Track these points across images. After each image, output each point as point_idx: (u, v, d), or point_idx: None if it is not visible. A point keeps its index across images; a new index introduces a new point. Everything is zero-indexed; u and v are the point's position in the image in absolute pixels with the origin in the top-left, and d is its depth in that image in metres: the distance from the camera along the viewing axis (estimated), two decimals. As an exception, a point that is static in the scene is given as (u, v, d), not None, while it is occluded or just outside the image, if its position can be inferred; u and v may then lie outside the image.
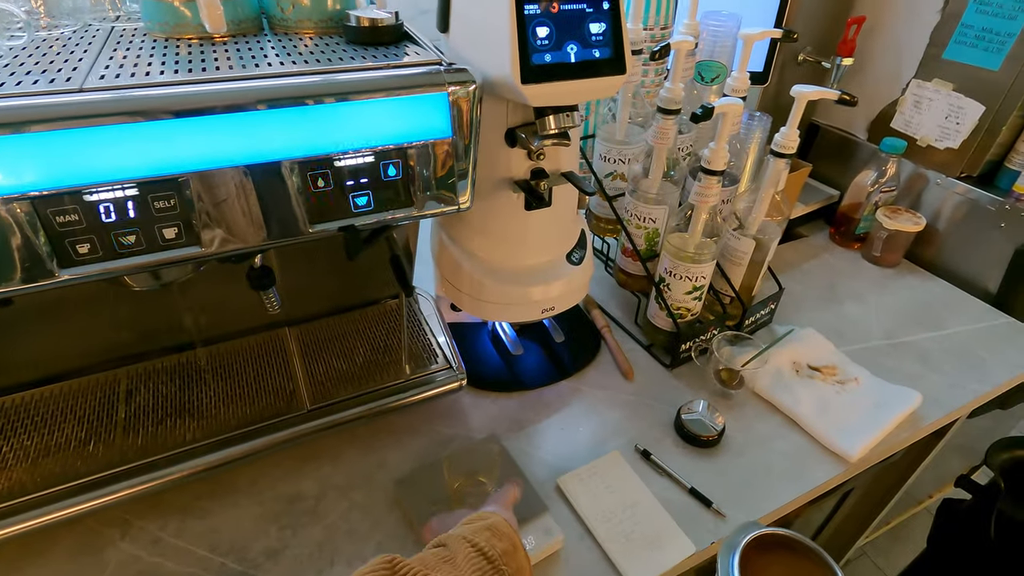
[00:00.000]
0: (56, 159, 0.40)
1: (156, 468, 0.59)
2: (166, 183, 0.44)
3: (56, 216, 0.41)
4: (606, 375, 0.83)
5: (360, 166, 0.50)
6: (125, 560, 0.57)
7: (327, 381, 0.68)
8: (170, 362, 0.68)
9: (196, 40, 0.55)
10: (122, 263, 0.45)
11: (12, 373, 0.64)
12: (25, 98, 0.40)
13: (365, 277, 0.79)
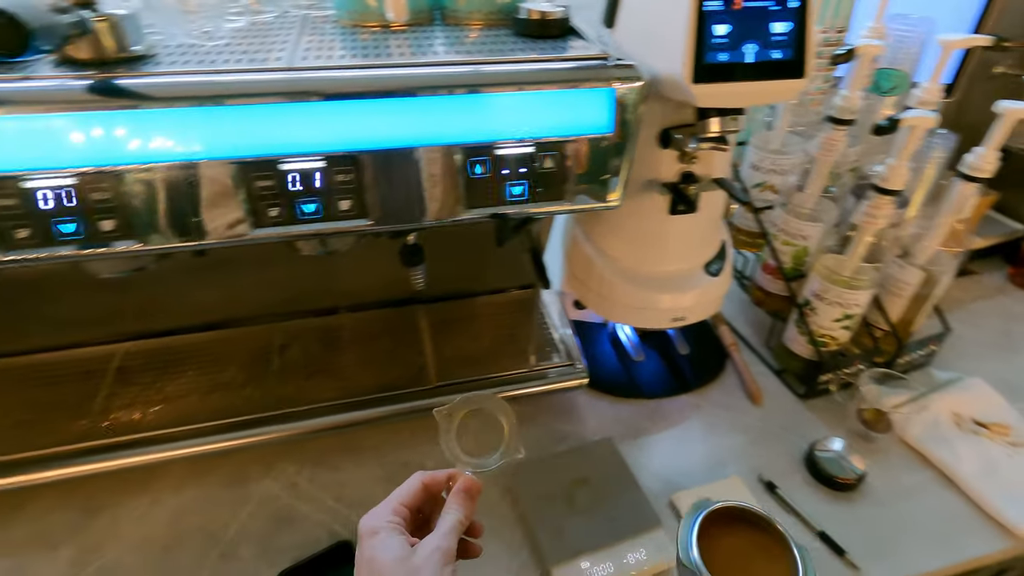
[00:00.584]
0: (263, 130, 0.45)
1: (299, 418, 0.64)
2: (347, 159, 0.47)
3: (256, 181, 0.46)
4: (730, 395, 0.78)
5: (519, 156, 0.51)
6: (266, 497, 0.63)
7: (454, 360, 0.71)
8: (318, 324, 0.75)
9: (377, 28, 0.60)
10: (302, 228, 0.49)
11: (192, 316, 0.73)
12: (248, 74, 0.45)
13: (495, 265, 0.81)
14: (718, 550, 0.43)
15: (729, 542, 0.44)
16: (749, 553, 0.43)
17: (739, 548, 0.44)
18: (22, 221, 0.43)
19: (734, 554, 0.43)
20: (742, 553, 0.43)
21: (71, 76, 0.43)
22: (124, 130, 0.43)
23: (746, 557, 0.43)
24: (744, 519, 0.46)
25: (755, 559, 0.43)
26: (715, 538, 0.43)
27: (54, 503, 0.61)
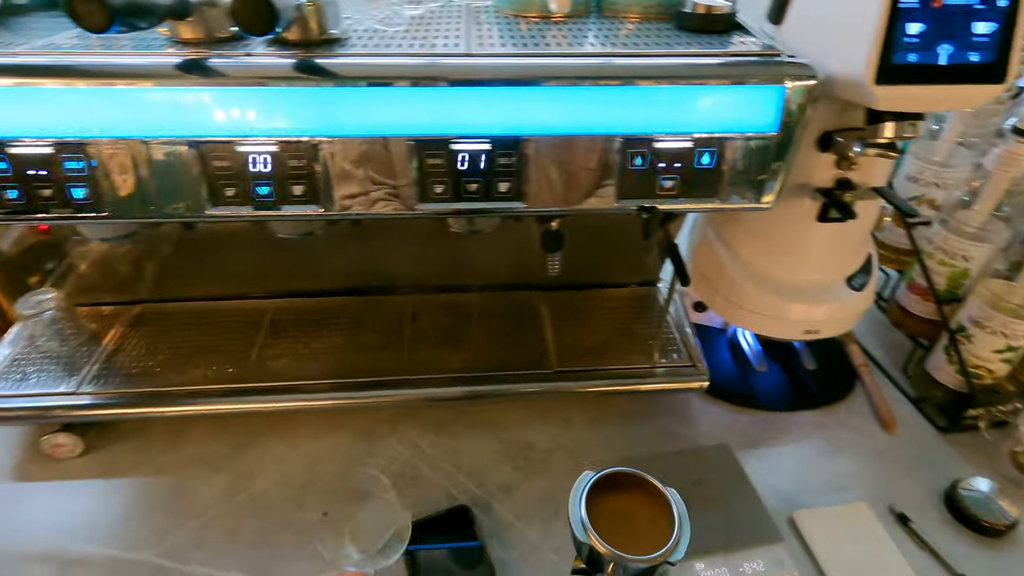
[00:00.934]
0: (440, 111, 0.48)
1: (425, 385, 0.68)
2: (512, 143, 0.49)
3: (427, 159, 0.50)
4: (858, 418, 0.74)
5: (677, 150, 0.51)
6: (391, 455, 0.68)
7: (574, 349, 0.72)
8: (448, 299, 0.79)
9: (536, 18, 0.61)
10: (463, 205, 0.52)
11: (337, 280, 0.79)
12: (433, 59, 0.48)
13: (616, 259, 0.81)
14: (605, 511, 0.46)
15: (615, 504, 0.47)
16: (633, 511, 0.47)
17: (624, 508, 0.47)
18: (231, 181, 0.49)
19: (619, 513, 0.46)
20: (626, 512, 0.47)
21: (280, 55, 0.48)
22: (321, 105, 0.47)
23: (630, 515, 0.47)
24: (630, 483, 0.48)
25: (639, 514, 0.47)
26: (603, 502, 0.47)
27: (210, 434, 0.69)
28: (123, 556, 0.57)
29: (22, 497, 0.63)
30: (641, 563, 0.43)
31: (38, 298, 0.67)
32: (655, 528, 0.45)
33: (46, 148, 0.47)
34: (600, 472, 0.48)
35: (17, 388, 0.65)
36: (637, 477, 0.48)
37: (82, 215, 0.49)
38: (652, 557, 0.43)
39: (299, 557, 0.58)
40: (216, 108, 0.47)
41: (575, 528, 0.45)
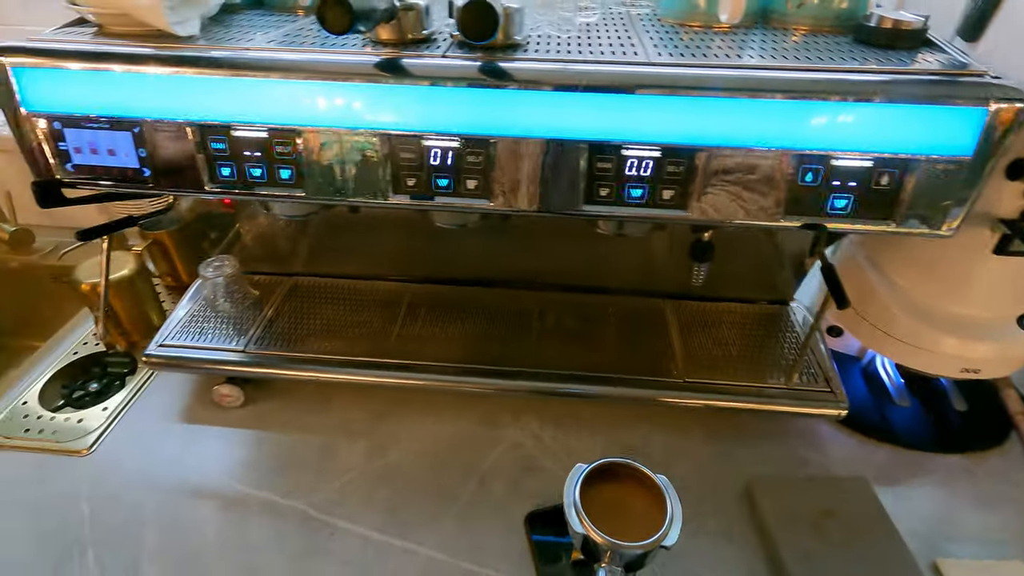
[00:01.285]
0: (614, 117, 0.50)
1: (550, 380, 0.70)
2: (681, 152, 0.50)
3: (598, 162, 0.51)
4: (1014, 469, 0.68)
5: (854, 169, 0.49)
6: (513, 443, 0.71)
7: (700, 361, 0.71)
8: (576, 298, 0.80)
9: (699, 28, 0.61)
10: (624, 210, 0.53)
11: (474, 270, 0.83)
12: (609, 66, 0.50)
13: (750, 274, 0.79)
14: (600, 501, 0.48)
15: (610, 493, 0.49)
16: (627, 500, 0.49)
17: (619, 497, 0.49)
18: (414, 172, 0.53)
19: (614, 502, 0.48)
20: (621, 501, 0.48)
21: (467, 58, 0.51)
22: (501, 106, 0.50)
23: (625, 504, 0.48)
24: (625, 474, 0.50)
25: (633, 503, 0.48)
26: (598, 492, 0.48)
27: (351, 402, 0.75)
28: (278, 501, 0.64)
29: (193, 437, 0.71)
30: (636, 549, 0.44)
31: (218, 263, 0.76)
32: (649, 516, 0.47)
33: (262, 133, 0.53)
34: (594, 463, 0.50)
35: (196, 341, 0.74)
36: (631, 468, 0.50)
37: (283, 194, 0.55)
38: (646, 543, 0.44)
39: (430, 526, 0.62)
40: (406, 104, 0.51)
41: (570, 518, 0.46)
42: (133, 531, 0.61)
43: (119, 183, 0.56)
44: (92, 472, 0.67)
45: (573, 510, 0.47)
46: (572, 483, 0.49)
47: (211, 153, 0.54)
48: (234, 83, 0.52)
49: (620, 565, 0.47)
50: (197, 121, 0.53)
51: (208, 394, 0.75)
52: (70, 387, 0.80)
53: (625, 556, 0.46)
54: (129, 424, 0.73)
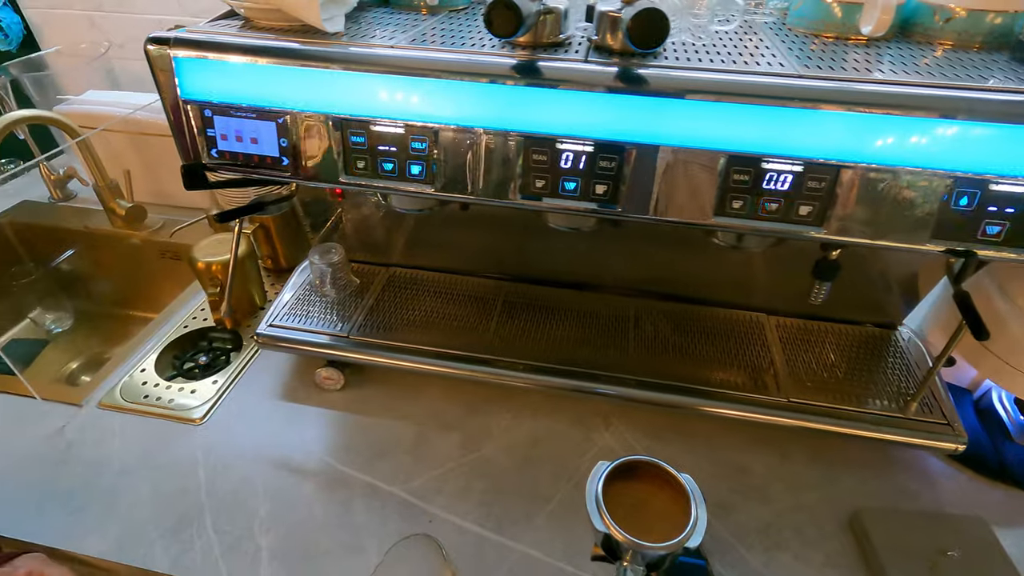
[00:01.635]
0: (754, 129, 0.49)
1: (645, 387, 0.70)
2: (826, 168, 0.49)
3: (734, 174, 0.50)
4: None
5: (1014, 195, 0.47)
6: (604, 448, 0.71)
7: (803, 381, 0.69)
8: (674, 307, 0.80)
9: (831, 39, 0.59)
10: (758, 224, 0.52)
11: (571, 272, 0.83)
12: (747, 76, 0.49)
13: (858, 294, 0.76)
14: (623, 499, 0.47)
15: (634, 492, 0.48)
16: (650, 499, 0.48)
17: (642, 496, 0.48)
18: (543, 174, 0.54)
19: (637, 501, 0.47)
20: (644, 500, 0.47)
21: (604, 63, 0.51)
22: (638, 113, 0.50)
23: (648, 503, 0.48)
24: (648, 473, 0.49)
25: (656, 503, 0.48)
26: (621, 490, 0.48)
27: (445, 394, 0.77)
28: (379, 485, 0.66)
29: (295, 415, 0.74)
30: (658, 550, 0.43)
31: (326, 250, 0.79)
32: (672, 516, 0.46)
33: (399, 129, 0.55)
34: (618, 460, 0.49)
35: (302, 323, 0.77)
36: (656, 467, 0.49)
37: (413, 189, 0.57)
38: (668, 544, 0.43)
39: (525, 524, 0.62)
40: (542, 107, 0.52)
41: (592, 515, 0.45)
42: (244, 500, 0.64)
43: (258, 170, 0.59)
44: (206, 441, 0.71)
45: (595, 507, 0.47)
46: (595, 480, 0.49)
47: (349, 146, 0.56)
48: (375, 80, 0.53)
49: (642, 564, 0.46)
50: (339, 115, 0.55)
51: (309, 375, 0.78)
52: (181, 358, 0.85)
53: (647, 556, 0.45)
54: (237, 398, 0.77)
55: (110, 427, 0.72)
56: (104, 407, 0.75)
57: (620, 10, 0.49)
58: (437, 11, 0.66)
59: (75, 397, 0.76)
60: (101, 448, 0.70)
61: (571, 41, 0.56)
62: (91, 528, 0.62)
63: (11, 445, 0.70)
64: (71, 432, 0.72)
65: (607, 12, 0.51)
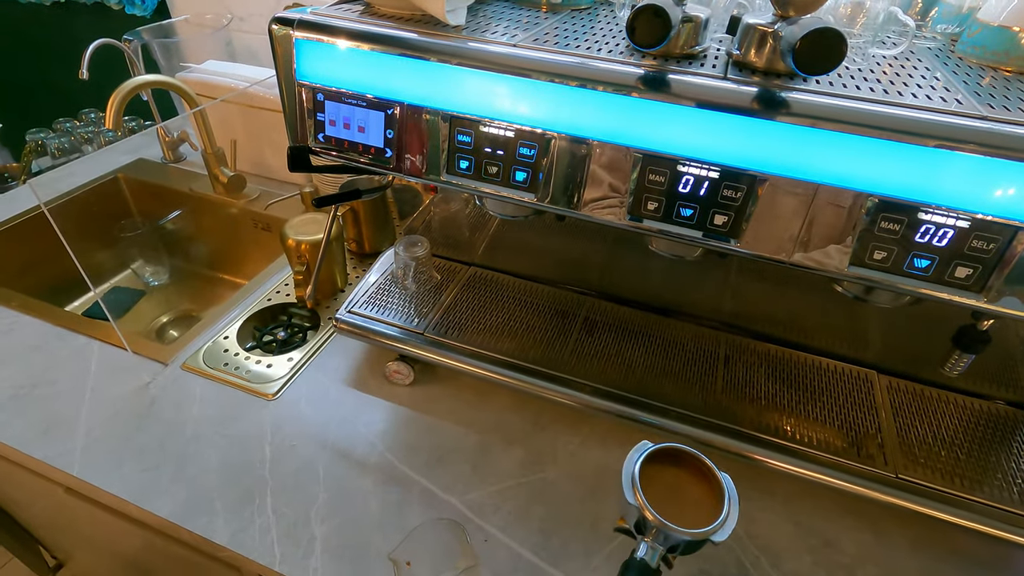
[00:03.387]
0: (918, 171, 0.42)
1: (734, 436, 0.64)
2: (995, 227, 0.42)
3: (882, 221, 0.44)
4: None
5: None
6: (677, 491, 0.66)
7: (919, 455, 0.62)
8: (769, 349, 0.73)
9: (1011, 72, 0.51)
10: (899, 281, 0.46)
11: (663, 297, 0.79)
12: (898, 110, 0.42)
13: (988, 365, 0.67)
14: (658, 481, 0.48)
15: (670, 477, 0.49)
16: (685, 487, 0.48)
17: (677, 483, 0.48)
18: (657, 196, 0.49)
19: (671, 486, 0.48)
20: (678, 487, 0.48)
21: (742, 81, 0.46)
22: (769, 139, 0.45)
23: (681, 490, 0.48)
24: (687, 461, 0.50)
25: (690, 492, 0.48)
26: (657, 473, 0.48)
27: (511, 405, 0.74)
28: (436, 492, 0.64)
29: (363, 405, 0.74)
30: (683, 535, 0.44)
31: (413, 242, 0.78)
32: (704, 508, 0.46)
33: (508, 132, 0.52)
34: (660, 445, 0.50)
35: (379, 314, 0.77)
36: (696, 459, 0.49)
37: (514, 195, 0.54)
38: (695, 531, 0.44)
39: (583, 561, 0.59)
40: (666, 124, 0.47)
41: (626, 489, 0.47)
42: (305, 484, 0.64)
43: (360, 159, 0.59)
44: (276, 417, 0.72)
45: (630, 481, 0.47)
46: (636, 454, 0.49)
47: (455, 145, 0.54)
48: (490, 79, 0.51)
49: (663, 546, 0.47)
50: (449, 111, 0.53)
51: (379, 366, 0.78)
52: (261, 331, 0.86)
53: (671, 538, 0.46)
54: (308, 378, 0.77)
55: (190, 390, 0.75)
56: (187, 369, 0.77)
57: (774, 25, 0.44)
58: (559, 9, 0.62)
59: (162, 355, 0.79)
60: (180, 411, 0.72)
61: (706, 54, 0.51)
62: (162, 489, 0.63)
63: (102, 393, 0.74)
64: (155, 389, 0.75)
65: (756, 26, 0.46)
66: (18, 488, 0.98)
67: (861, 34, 0.52)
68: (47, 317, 0.84)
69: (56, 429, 0.69)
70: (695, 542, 0.45)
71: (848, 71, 0.49)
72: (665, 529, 0.45)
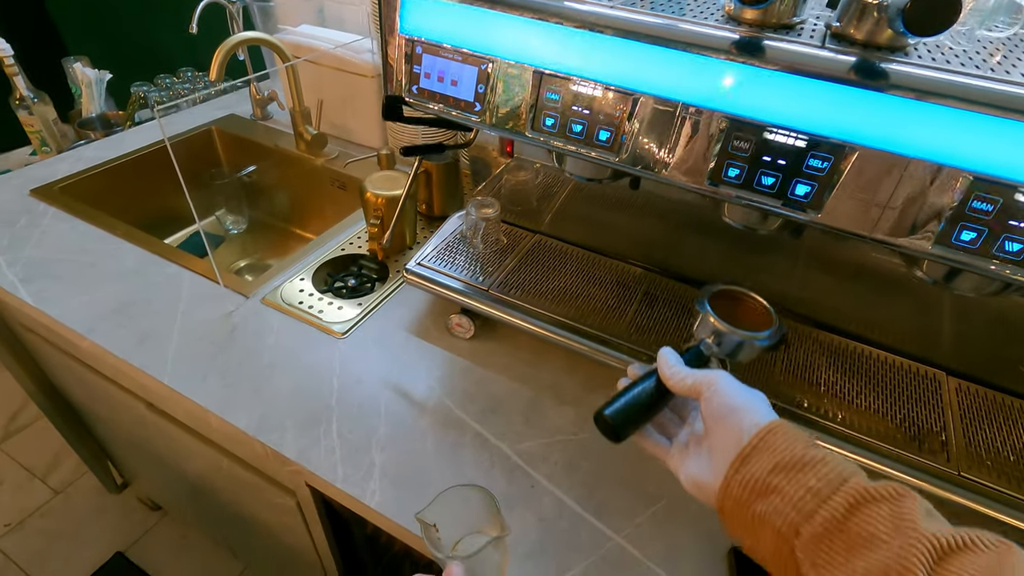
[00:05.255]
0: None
1: (787, 416, 0.64)
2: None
3: (974, 200, 0.44)
4: None
5: None
6: (725, 466, 0.66)
7: (985, 458, 0.60)
8: (831, 339, 0.72)
9: None
10: (980, 261, 0.45)
11: (733, 277, 0.79)
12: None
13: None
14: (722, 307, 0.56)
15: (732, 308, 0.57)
16: (741, 316, 0.57)
17: (737, 313, 0.57)
18: (741, 163, 0.50)
19: (732, 313, 0.56)
20: (737, 315, 0.56)
21: (839, 51, 0.46)
22: (863, 110, 0.45)
23: (739, 317, 0.56)
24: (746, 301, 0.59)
25: (746, 319, 0.57)
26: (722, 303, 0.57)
27: (565, 369, 0.76)
28: (488, 438, 0.67)
29: (424, 352, 0.78)
30: (738, 335, 0.53)
31: (485, 204, 0.81)
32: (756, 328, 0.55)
33: (596, 91, 0.53)
34: (732, 286, 0.59)
35: (447, 268, 0.80)
36: (751, 296, 0.58)
37: (596, 155, 0.56)
38: (746, 333, 0.54)
39: (625, 517, 0.60)
40: (757, 91, 0.48)
41: (700, 304, 0.56)
42: (367, 417, 0.69)
43: (451, 112, 0.62)
44: (343, 354, 0.76)
45: (705, 300, 0.56)
46: (709, 289, 0.58)
47: (543, 101, 0.56)
48: (582, 37, 0.53)
49: (719, 349, 0.54)
50: (539, 67, 0.55)
51: (442, 319, 0.81)
52: (333, 277, 0.92)
53: (728, 342, 0.54)
54: (375, 323, 0.82)
55: (268, 322, 0.80)
56: (266, 303, 0.83)
57: (879, -6, 0.44)
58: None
59: (245, 289, 0.85)
60: (258, 339, 0.78)
61: (803, 26, 0.51)
62: (241, 403, 0.69)
63: (190, 316, 0.80)
64: (236, 318, 0.81)
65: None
66: (103, 403, 1.08)
67: (966, 21, 0.51)
68: (146, 246, 0.92)
69: (150, 342, 0.76)
70: (745, 343, 0.54)
71: (952, 50, 0.48)
72: (725, 332, 0.54)
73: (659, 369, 0.48)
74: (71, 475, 1.63)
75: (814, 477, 0.37)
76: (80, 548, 1.47)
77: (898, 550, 0.33)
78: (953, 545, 0.33)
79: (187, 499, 1.22)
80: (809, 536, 0.35)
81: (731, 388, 0.44)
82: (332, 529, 0.83)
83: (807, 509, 0.36)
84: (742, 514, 0.39)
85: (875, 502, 0.35)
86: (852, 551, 0.34)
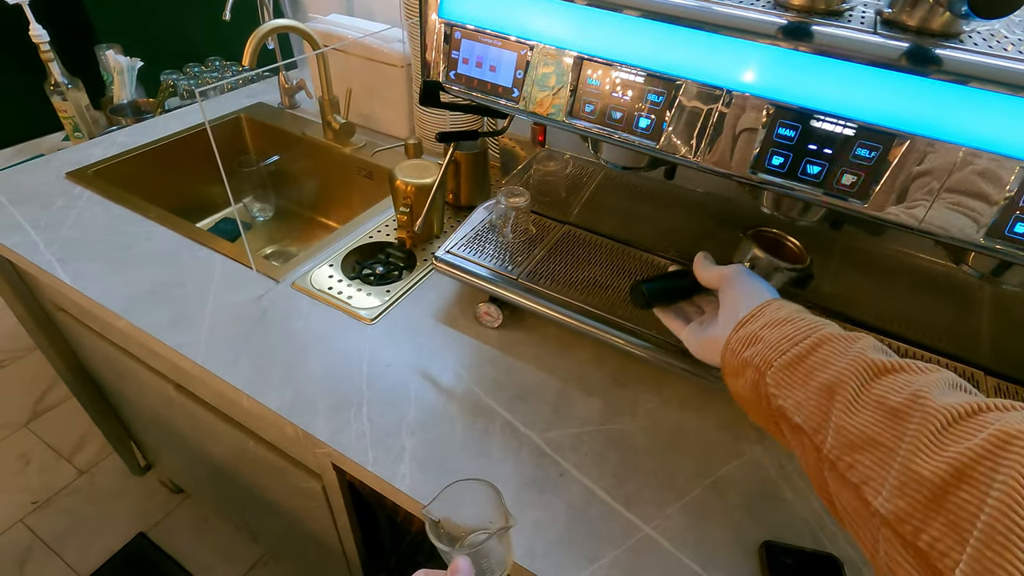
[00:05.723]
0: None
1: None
2: None
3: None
4: None
5: None
6: (753, 461, 0.66)
7: None
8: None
9: None
10: (1041, 256, 0.44)
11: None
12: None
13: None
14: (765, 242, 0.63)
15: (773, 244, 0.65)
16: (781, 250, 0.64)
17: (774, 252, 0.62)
18: (786, 151, 0.49)
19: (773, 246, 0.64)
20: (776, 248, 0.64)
21: (890, 36, 0.45)
22: (914, 98, 0.44)
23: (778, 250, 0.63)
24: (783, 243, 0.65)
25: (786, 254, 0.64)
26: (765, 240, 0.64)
27: (592, 358, 0.76)
28: (517, 426, 0.67)
29: (452, 340, 0.78)
30: (777, 263, 0.60)
31: (515, 193, 0.81)
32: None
33: (638, 77, 0.53)
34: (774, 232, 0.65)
35: (476, 256, 0.80)
36: (787, 238, 0.65)
37: (635, 141, 0.55)
38: (783, 263, 0.60)
39: (656, 508, 0.60)
40: (804, 77, 0.47)
41: (745, 233, 0.63)
42: (397, 402, 0.69)
43: (488, 98, 0.61)
44: (373, 339, 0.77)
45: (750, 237, 0.63)
46: (748, 231, 0.64)
47: (583, 88, 0.56)
48: (622, 21, 0.52)
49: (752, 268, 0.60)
50: (580, 53, 0.55)
51: (470, 307, 0.82)
52: (362, 264, 0.92)
53: (760, 266, 0.61)
54: (403, 310, 0.82)
55: (298, 306, 0.81)
56: (296, 288, 0.84)
57: (936, -21, 0.43)
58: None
59: (275, 273, 0.86)
60: (289, 322, 0.78)
61: (852, 13, 0.50)
62: (272, 385, 0.70)
63: (222, 299, 0.81)
64: (267, 301, 0.82)
65: (915, -19, 0.45)
66: (131, 384, 1.10)
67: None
68: (179, 229, 0.93)
69: (183, 323, 0.77)
70: (776, 272, 0.60)
71: (1007, 38, 0.47)
72: (762, 258, 0.60)
73: (694, 265, 0.60)
74: (96, 456, 1.66)
75: (792, 328, 0.46)
76: (103, 527, 1.50)
77: (841, 369, 0.41)
78: (888, 367, 0.39)
79: (209, 482, 1.24)
80: (779, 367, 0.44)
81: (747, 275, 0.54)
82: (356, 514, 0.84)
83: (781, 348, 0.45)
84: (735, 361, 0.48)
85: (835, 340, 0.43)
86: (810, 375, 0.42)
